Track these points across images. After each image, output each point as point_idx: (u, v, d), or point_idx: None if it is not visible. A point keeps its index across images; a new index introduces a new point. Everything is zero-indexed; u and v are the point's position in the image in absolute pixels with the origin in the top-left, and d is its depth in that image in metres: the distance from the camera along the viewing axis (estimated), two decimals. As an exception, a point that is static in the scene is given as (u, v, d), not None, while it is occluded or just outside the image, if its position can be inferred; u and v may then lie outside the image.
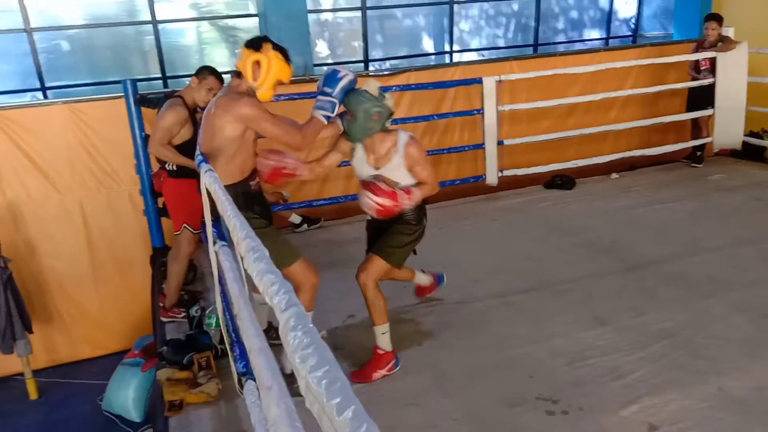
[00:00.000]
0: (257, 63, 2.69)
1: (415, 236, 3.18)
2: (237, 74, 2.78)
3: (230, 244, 2.26)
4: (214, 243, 2.31)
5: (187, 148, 3.80)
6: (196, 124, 3.83)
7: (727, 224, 4.93)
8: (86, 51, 7.21)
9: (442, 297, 3.88)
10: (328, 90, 2.81)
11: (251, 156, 2.87)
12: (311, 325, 1.11)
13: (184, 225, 3.85)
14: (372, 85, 2.90)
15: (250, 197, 2.86)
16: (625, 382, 2.95)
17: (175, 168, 3.84)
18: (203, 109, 4.05)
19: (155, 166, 4.35)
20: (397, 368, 3.16)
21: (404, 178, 3.03)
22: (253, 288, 2.44)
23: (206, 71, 3.83)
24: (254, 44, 2.74)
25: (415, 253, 3.30)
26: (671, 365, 3.06)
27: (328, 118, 2.82)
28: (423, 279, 3.68)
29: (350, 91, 2.88)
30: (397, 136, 3.02)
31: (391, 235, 3.13)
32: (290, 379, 2.71)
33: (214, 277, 2.68)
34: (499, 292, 3.76)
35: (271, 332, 3.22)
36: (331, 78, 2.82)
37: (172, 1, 7.28)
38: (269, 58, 2.69)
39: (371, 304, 3.08)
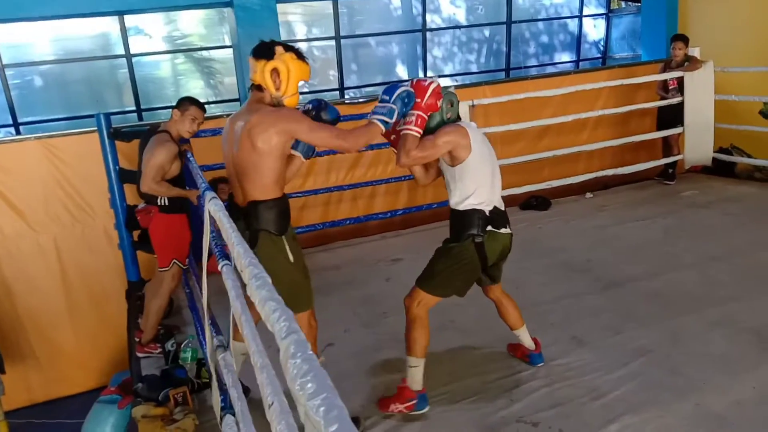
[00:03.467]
0: (275, 71, 2.57)
1: (463, 261, 2.88)
2: (257, 87, 2.64)
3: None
4: (218, 262, 2.24)
5: (176, 184, 3.78)
6: (182, 158, 3.80)
7: (700, 240, 5.00)
8: (60, 86, 7.18)
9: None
10: (385, 98, 2.67)
11: (285, 171, 2.71)
12: (310, 352, 1.10)
13: (174, 260, 3.80)
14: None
15: (288, 215, 2.70)
16: (604, 401, 2.95)
17: (167, 203, 3.76)
18: (187, 140, 4.04)
19: (131, 200, 4.29)
20: (420, 411, 2.94)
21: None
22: (234, 336, 2.41)
23: (187, 102, 3.76)
24: (265, 53, 2.59)
25: (480, 283, 3.10)
26: (650, 383, 3.07)
27: (385, 123, 2.64)
28: (525, 338, 3.31)
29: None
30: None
31: (435, 256, 2.96)
32: None
33: (203, 307, 2.54)
34: (476, 315, 3.76)
35: None
36: (390, 89, 2.71)
37: (145, 35, 7.29)
38: (285, 62, 2.57)
39: (406, 331, 2.93)
